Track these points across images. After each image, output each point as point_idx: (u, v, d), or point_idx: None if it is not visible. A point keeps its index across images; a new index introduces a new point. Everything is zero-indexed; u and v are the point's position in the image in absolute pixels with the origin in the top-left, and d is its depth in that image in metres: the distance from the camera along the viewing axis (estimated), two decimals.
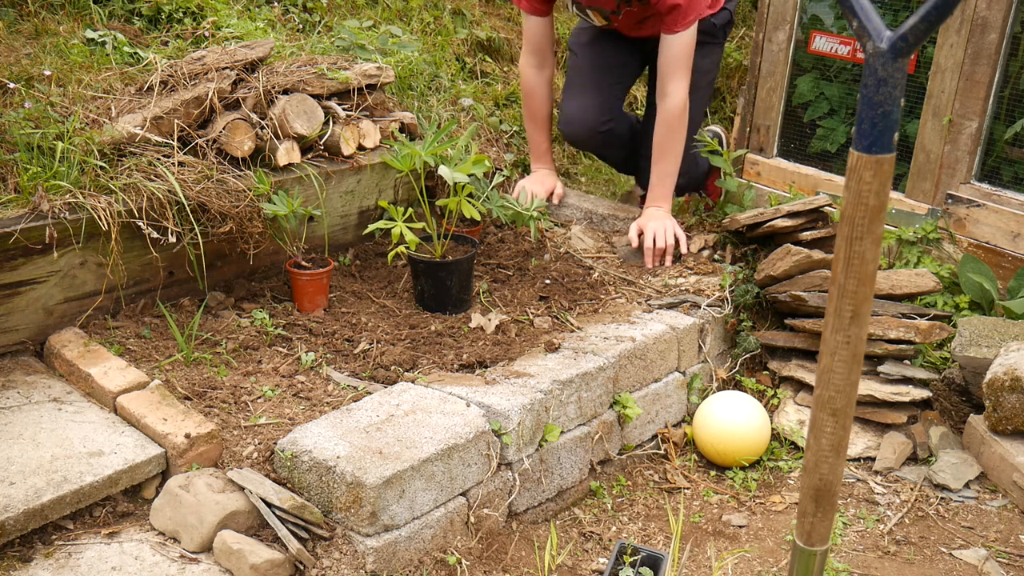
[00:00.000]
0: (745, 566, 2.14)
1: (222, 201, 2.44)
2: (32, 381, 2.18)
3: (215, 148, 2.53)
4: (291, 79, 2.71)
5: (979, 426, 2.49)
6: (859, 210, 1.08)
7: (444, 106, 3.40)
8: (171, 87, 2.61)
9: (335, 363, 2.35)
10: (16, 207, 2.22)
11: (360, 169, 2.85)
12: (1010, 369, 2.38)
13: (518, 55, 4.29)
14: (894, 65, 1.01)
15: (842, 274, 1.12)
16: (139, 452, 1.94)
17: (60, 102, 2.49)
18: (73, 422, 2.03)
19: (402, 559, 1.91)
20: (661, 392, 2.54)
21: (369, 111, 2.92)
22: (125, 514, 1.92)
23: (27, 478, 1.83)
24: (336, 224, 2.85)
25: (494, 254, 2.98)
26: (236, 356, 2.35)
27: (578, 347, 2.39)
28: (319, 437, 1.94)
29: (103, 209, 2.26)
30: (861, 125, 1.05)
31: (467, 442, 2.00)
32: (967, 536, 2.26)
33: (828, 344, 1.16)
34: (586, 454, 2.34)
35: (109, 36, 2.93)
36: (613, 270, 2.90)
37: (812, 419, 1.21)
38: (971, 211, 3.03)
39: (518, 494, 2.16)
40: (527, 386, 2.18)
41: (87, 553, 1.79)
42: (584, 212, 3.25)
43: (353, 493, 1.83)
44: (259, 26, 3.28)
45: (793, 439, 2.58)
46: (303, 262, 2.60)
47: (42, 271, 2.24)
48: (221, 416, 2.09)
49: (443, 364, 2.35)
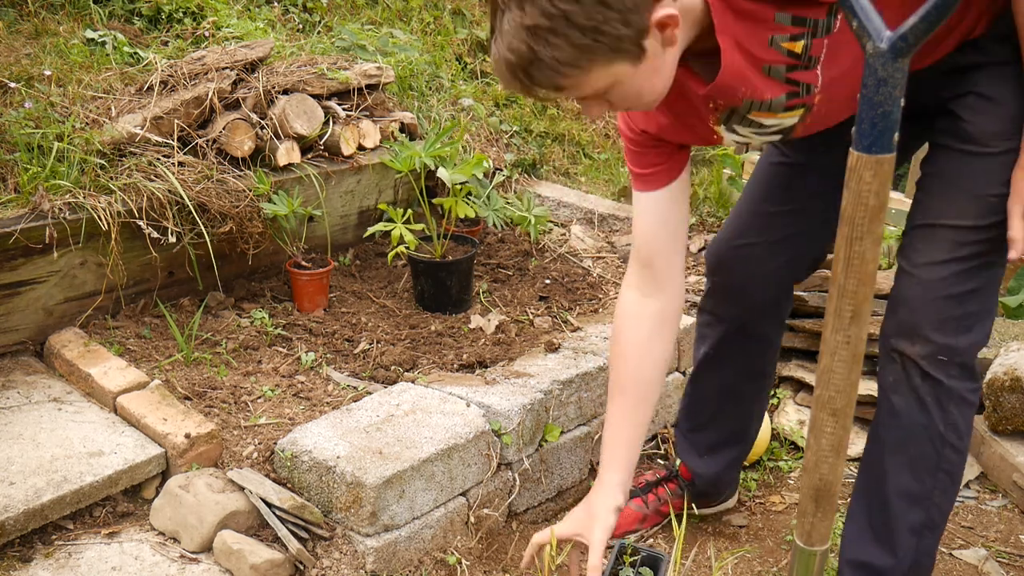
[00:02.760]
0: (745, 566, 2.14)
1: (222, 201, 2.44)
2: (32, 381, 2.18)
3: (215, 148, 2.53)
4: (291, 79, 2.71)
5: (979, 426, 2.49)
6: (859, 210, 1.08)
7: (444, 106, 3.40)
8: (171, 87, 2.61)
9: (335, 363, 2.36)
10: (16, 207, 2.22)
11: (360, 169, 2.85)
12: (1010, 369, 2.38)
13: None
14: (894, 65, 1.01)
15: (842, 274, 1.12)
16: (139, 452, 1.94)
17: (60, 102, 2.49)
18: (73, 422, 2.03)
19: (402, 559, 1.91)
20: (661, 392, 2.54)
21: (369, 111, 2.92)
22: (125, 514, 1.92)
23: (27, 478, 1.83)
24: (336, 224, 2.85)
25: (494, 254, 2.98)
26: (236, 356, 2.35)
27: (578, 347, 2.39)
28: (319, 437, 1.94)
29: (103, 209, 2.26)
30: (861, 125, 1.05)
31: (467, 442, 2.00)
32: (967, 536, 2.26)
33: (828, 344, 1.16)
34: (586, 454, 2.34)
35: (109, 36, 2.93)
36: (613, 270, 2.90)
37: (812, 419, 1.21)
38: None
39: (518, 494, 2.15)
40: (527, 386, 2.18)
41: (87, 553, 1.79)
42: (584, 212, 3.25)
43: (353, 493, 1.83)
44: (259, 26, 3.28)
45: (793, 439, 2.58)
46: (303, 262, 2.60)
47: (42, 271, 2.24)
48: (221, 416, 2.09)
49: (443, 364, 2.35)
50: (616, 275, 2.85)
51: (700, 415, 2.14)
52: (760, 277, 1.90)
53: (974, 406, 1.63)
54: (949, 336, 1.56)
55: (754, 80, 1.43)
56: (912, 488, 1.64)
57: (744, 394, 2.08)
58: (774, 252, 1.87)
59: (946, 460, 1.62)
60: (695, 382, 2.13)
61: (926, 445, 1.61)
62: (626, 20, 1.25)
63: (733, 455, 2.16)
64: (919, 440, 1.61)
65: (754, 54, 1.40)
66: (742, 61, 1.41)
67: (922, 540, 1.66)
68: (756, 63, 1.41)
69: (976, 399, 1.63)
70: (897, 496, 1.65)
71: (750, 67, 1.42)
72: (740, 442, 2.16)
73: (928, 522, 1.66)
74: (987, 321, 1.60)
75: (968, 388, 1.60)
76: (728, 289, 1.96)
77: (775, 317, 2.01)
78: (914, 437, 1.62)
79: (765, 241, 1.87)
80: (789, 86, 1.45)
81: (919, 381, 1.59)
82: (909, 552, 1.66)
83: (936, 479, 1.63)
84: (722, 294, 1.97)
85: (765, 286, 1.92)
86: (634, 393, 1.77)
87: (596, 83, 1.32)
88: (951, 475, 1.64)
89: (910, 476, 1.63)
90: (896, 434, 1.64)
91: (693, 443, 2.16)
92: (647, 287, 1.76)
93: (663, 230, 1.71)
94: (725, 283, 1.96)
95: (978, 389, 1.63)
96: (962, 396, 1.60)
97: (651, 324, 1.76)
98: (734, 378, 2.04)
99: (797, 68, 1.42)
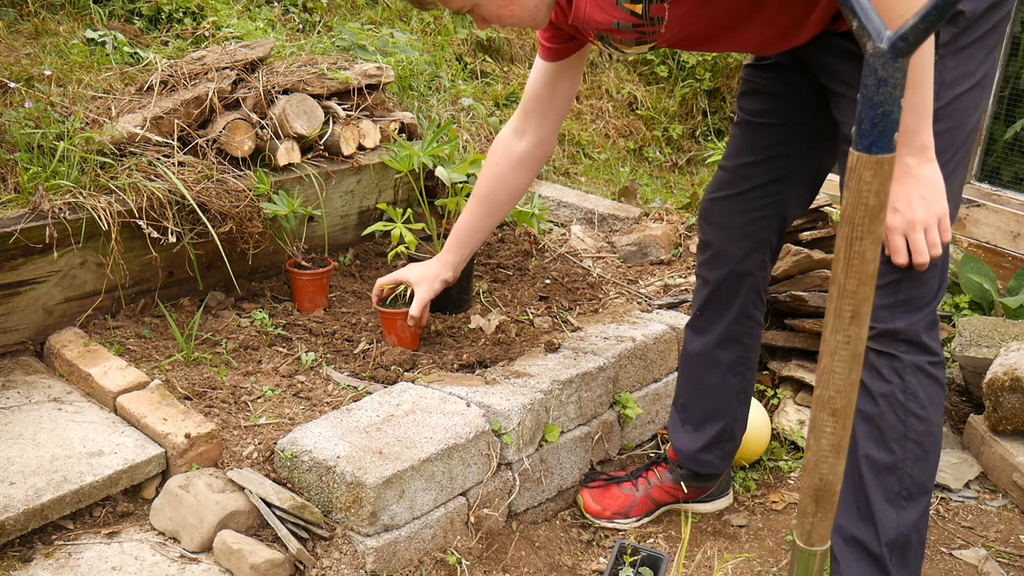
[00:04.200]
0: (745, 566, 2.14)
1: (222, 201, 2.44)
2: (32, 381, 2.18)
3: (215, 148, 2.53)
4: (291, 79, 2.71)
5: (979, 426, 2.49)
6: (859, 210, 1.08)
7: (444, 106, 3.40)
8: (171, 87, 2.61)
9: (335, 363, 2.36)
10: (16, 207, 2.22)
11: (360, 169, 2.85)
12: (1010, 369, 2.38)
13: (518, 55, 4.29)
14: (894, 65, 1.01)
15: (842, 274, 1.12)
16: (139, 452, 1.94)
17: (60, 102, 2.49)
18: (73, 422, 2.03)
19: (402, 559, 1.91)
20: (661, 392, 2.54)
21: (369, 111, 2.92)
22: (125, 514, 1.92)
23: (27, 478, 1.83)
24: (336, 224, 2.85)
25: (494, 254, 2.98)
26: (236, 356, 2.35)
27: (578, 347, 2.39)
28: (319, 437, 1.94)
29: (103, 209, 2.26)
30: (861, 125, 1.04)
31: (467, 442, 2.00)
32: (967, 536, 2.26)
33: (828, 344, 1.16)
34: (586, 454, 2.34)
35: (109, 36, 2.94)
36: (613, 270, 2.90)
37: (812, 419, 1.21)
38: (971, 211, 3.03)
39: (518, 494, 2.15)
40: (527, 386, 2.18)
41: (87, 553, 1.79)
42: (584, 212, 3.25)
43: (353, 493, 1.83)
44: (259, 26, 3.28)
45: (793, 439, 2.58)
46: (303, 262, 2.60)
47: (42, 271, 2.24)
48: (221, 416, 2.09)
49: (443, 364, 2.35)
50: (616, 275, 2.85)
51: (683, 385, 2.24)
52: (736, 228, 2.02)
53: (936, 378, 1.68)
54: (887, 323, 1.65)
55: (605, 29, 1.69)
56: (882, 459, 1.69)
57: (719, 362, 2.14)
58: (746, 202, 2.01)
59: (912, 429, 1.68)
60: (683, 351, 2.23)
61: (890, 415, 1.68)
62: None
63: (713, 433, 2.19)
64: (883, 412, 1.68)
65: (606, 11, 1.64)
66: (594, 13, 1.67)
67: (901, 512, 1.70)
68: (607, 17, 1.66)
69: (938, 372, 1.68)
70: (869, 466, 1.71)
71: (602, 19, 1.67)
72: (721, 419, 2.19)
73: (903, 492, 1.70)
74: (928, 299, 1.65)
75: (925, 360, 1.67)
76: (710, 245, 2.08)
77: (752, 283, 2.08)
78: (880, 409, 1.69)
79: (738, 192, 2.01)
80: (638, 33, 1.68)
81: (874, 357, 1.68)
82: (890, 524, 1.70)
83: (905, 448, 1.68)
84: (706, 250, 2.10)
85: (741, 237, 2.03)
86: (487, 207, 2.20)
87: (459, 3, 1.66)
88: (921, 445, 1.68)
89: (880, 447, 1.69)
90: (864, 407, 1.70)
91: (678, 415, 2.25)
92: (520, 128, 2.11)
93: (546, 91, 2.04)
94: (708, 238, 2.09)
95: (938, 362, 1.68)
96: (918, 366, 1.67)
97: (515, 158, 2.13)
98: (712, 345, 2.13)
99: (643, 26, 1.66)
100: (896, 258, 1.59)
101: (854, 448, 1.72)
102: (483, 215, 2.22)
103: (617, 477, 2.30)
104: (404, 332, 2.38)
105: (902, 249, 1.58)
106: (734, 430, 2.23)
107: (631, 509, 2.23)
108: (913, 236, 1.56)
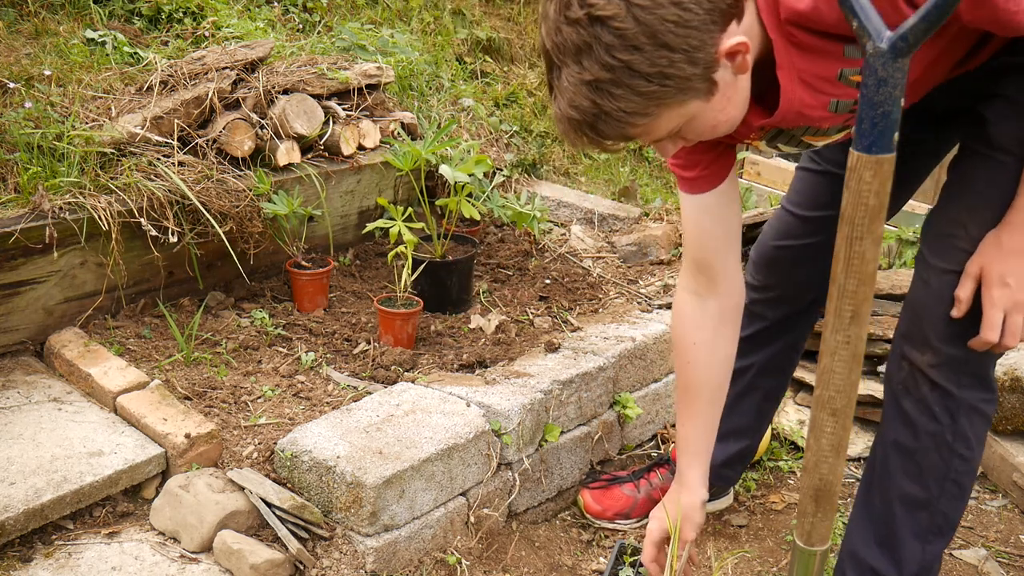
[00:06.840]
0: (745, 566, 2.14)
1: (222, 201, 2.44)
2: (32, 381, 2.18)
3: (215, 148, 2.53)
4: (291, 79, 2.71)
5: None
6: (859, 210, 1.08)
7: (444, 106, 3.40)
8: (171, 87, 2.61)
9: (335, 363, 2.36)
10: (16, 207, 2.22)
11: (360, 169, 2.85)
12: (1010, 369, 2.39)
13: (518, 55, 4.28)
14: (894, 65, 1.01)
15: (842, 274, 1.12)
16: (139, 452, 1.94)
17: (60, 102, 2.49)
18: (73, 422, 2.03)
19: (402, 559, 1.91)
20: (661, 392, 2.54)
21: (369, 111, 2.92)
22: (125, 514, 1.92)
23: (27, 478, 1.83)
24: (336, 224, 2.85)
25: (494, 254, 2.98)
26: (236, 356, 2.35)
27: (578, 347, 2.39)
28: (319, 437, 1.94)
29: (103, 209, 2.26)
30: (861, 125, 1.05)
31: (467, 442, 2.00)
32: (967, 536, 2.26)
33: (828, 344, 1.16)
34: (586, 454, 2.34)
35: (109, 36, 2.94)
36: (613, 270, 2.90)
37: (812, 419, 1.21)
38: None
39: (518, 494, 2.15)
40: (527, 386, 2.18)
41: (87, 553, 1.79)
42: (584, 212, 3.25)
43: (353, 493, 1.83)
44: (259, 26, 3.28)
45: (793, 439, 2.58)
46: (303, 262, 2.60)
47: (42, 271, 2.24)
48: (221, 416, 2.09)
49: (443, 364, 2.35)
50: (616, 275, 2.85)
51: None
52: (804, 279, 1.93)
53: (987, 416, 1.59)
54: (959, 347, 1.52)
55: (816, 114, 1.39)
56: (918, 495, 1.62)
57: (758, 387, 2.11)
58: (809, 255, 1.88)
59: (954, 470, 1.60)
60: None
61: (934, 454, 1.59)
62: (692, 59, 1.18)
63: (737, 449, 2.17)
64: (927, 449, 1.59)
65: (821, 90, 1.35)
66: (806, 97, 1.36)
67: (927, 546, 1.64)
68: (823, 99, 1.36)
69: (990, 409, 1.59)
70: (901, 501, 1.64)
71: (815, 102, 1.37)
72: (746, 438, 2.18)
73: (933, 528, 1.64)
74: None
75: (980, 398, 1.57)
76: (771, 288, 1.99)
77: (808, 321, 2.03)
78: (922, 445, 1.59)
79: (800, 244, 1.90)
80: (850, 115, 1.40)
81: (927, 390, 1.56)
82: (914, 559, 1.64)
83: (943, 488, 1.61)
84: (766, 291, 2.00)
85: (803, 288, 1.95)
86: (707, 396, 1.77)
87: (668, 125, 1.27)
88: (959, 484, 1.61)
89: (917, 483, 1.61)
90: (904, 440, 1.61)
91: None
92: (703, 289, 1.72)
93: (713, 232, 1.67)
94: (769, 282, 1.99)
95: (992, 399, 1.58)
96: (972, 406, 1.56)
97: (713, 325, 1.72)
98: (755, 372, 2.07)
99: None
100: (988, 335, 1.46)
101: (887, 479, 1.62)
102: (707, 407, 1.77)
103: (619, 477, 2.29)
104: (401, 332, 2.39)
105: (998, 327, 1.45)
106: (754, 445, 2.21)
107: (632, 510, 2.23)
108: (1015, 318, 1.44)
